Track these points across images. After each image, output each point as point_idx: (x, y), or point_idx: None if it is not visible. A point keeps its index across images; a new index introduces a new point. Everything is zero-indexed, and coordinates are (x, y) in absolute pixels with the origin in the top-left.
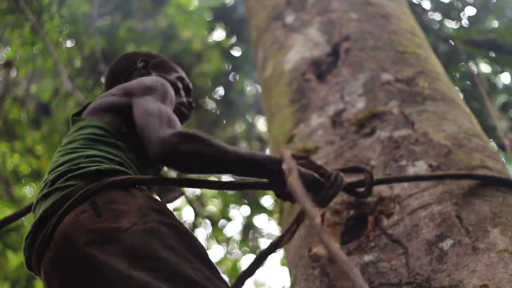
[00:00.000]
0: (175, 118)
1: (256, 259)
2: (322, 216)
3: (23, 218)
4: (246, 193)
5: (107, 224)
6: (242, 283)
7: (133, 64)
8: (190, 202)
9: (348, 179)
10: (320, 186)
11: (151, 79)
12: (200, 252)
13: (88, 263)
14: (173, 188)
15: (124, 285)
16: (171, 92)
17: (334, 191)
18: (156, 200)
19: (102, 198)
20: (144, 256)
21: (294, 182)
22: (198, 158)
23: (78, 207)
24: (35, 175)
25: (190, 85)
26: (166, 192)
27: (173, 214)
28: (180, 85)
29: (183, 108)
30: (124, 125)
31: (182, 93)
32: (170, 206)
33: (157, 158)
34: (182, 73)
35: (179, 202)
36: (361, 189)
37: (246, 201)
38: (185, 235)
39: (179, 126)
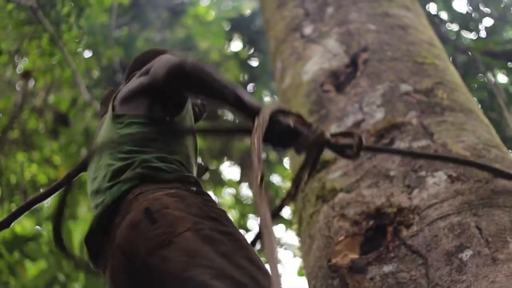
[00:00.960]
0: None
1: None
2: (262, 176)
3: (40, 227)
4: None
5: (162, 229)
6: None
7: None
8: None
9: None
10: (300, 134)
11: (167, 56)
12: (252, 258)
13: (150, 271)
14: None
15: (180, 285)
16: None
17: (312, 138)
18: (211, 205)
19: (156, 204)
20: (197, 257)
21: (255, 136)
22: (201, 79)
23: (132, 213)
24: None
25: None
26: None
27: (228, 219)
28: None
29: (197, 108)
30: (163, 111)
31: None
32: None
33: (165, 79)
34: None
35: None
36: (350, 151)
37: None
38: (239, 242)
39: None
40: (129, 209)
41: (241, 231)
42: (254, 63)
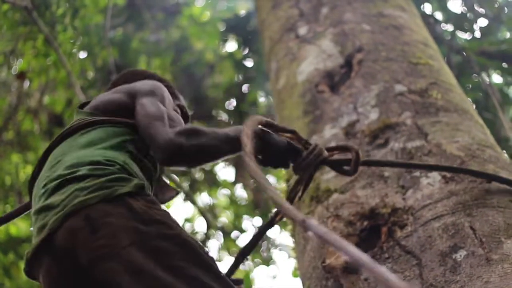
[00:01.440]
0: (174, 114)
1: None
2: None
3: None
4: (258, 204)
5: (104, 241)
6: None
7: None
8: (202, 213)
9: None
10: (298, 153)
11: (153, 82)
12: (202, 261)
13: (91, 281)
14: (168, 188)
15: None
16: (169, 95)
17: (311, 159)
18: (155, 207)
19: (96, 211)
20: (142, 275)
21: (245, 147)
22: (200, 152)
23: (72, 219)
24: None
25: (189, 113)
26: (161, 192)
27: (173, 220)
28: (179, 112)
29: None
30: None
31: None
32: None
33: (165, 161)
34: (183, 102)
35: (192, 213)
36: (348, 167)
37: (259, 212)
38: (187, 245)
39: (179, 123)
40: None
41: (236, 232)
42: (249, 63)
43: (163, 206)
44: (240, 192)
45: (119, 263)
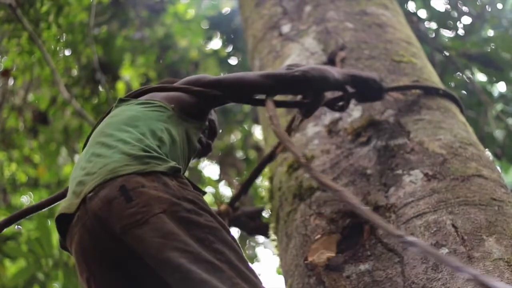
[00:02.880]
0: None
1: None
2: None
3: (19, 226)
4: (242, 202)
5: (137, 208)
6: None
7: None
8: None
9: None
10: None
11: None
12: (226, 240)
13: (123, 248)
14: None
15: (158, 266)
16: None
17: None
18: (188, 188)
19: (132, 182)
20: (173, 239)
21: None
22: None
23: (106, 189)
24: (32, 184)
25: (218, 131)
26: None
27: (204, 202)
28: (207, 124)
29: (200, 145)
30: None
31: (206, 132)
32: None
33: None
34: (215, 117)
35: None
36: (341, 103)
37: None
38: (214, 223)
39: None
40: (103, 185)
41: None
42: (233, 61)
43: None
44: (224, 189)
45: (150, 229)
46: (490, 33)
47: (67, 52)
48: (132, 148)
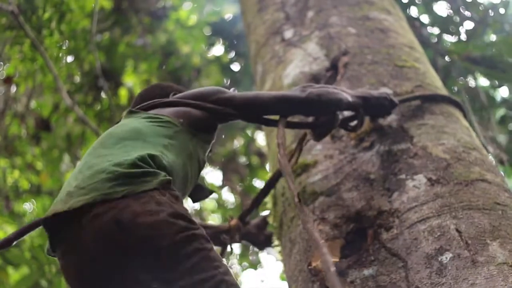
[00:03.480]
0: None
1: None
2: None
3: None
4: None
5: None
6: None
7: (166, 96)
8: None
9: None
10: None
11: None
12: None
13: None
14: (201, 187)
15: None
16: None
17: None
18: (177, 202)
19: (125, 213)
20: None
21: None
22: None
23: (100, 219)
24: (35, 191)
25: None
26: (195, 192)
27: (192, 218)
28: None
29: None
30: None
31: None
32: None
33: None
34: None
35: None
36: (354, 123)
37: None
38: (205, 238)
39: None
40: (94, 209)
41: None
42: (236, 67)
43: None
44: (227, 195)
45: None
46: (493, 37)
47: (70, 59)
48: (125, 162)
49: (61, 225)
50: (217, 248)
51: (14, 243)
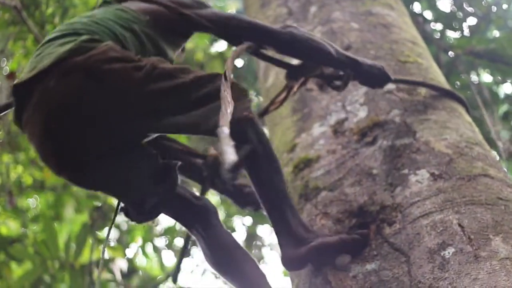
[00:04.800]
0: None
1: None
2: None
3: (25, 229)
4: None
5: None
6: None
7: None
8: None
9: None
10: None
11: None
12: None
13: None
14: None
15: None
16: None
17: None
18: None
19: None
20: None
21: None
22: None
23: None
24: (38, 186)
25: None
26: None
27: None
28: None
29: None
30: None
31: None
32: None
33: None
34: None
35: None
36: (338, 82)
37: (249, 212)
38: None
39: None
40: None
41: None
42: (239, 63)
43: None
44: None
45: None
46: (496, 33)
47: None
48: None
49: (28, 92)
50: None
51: None
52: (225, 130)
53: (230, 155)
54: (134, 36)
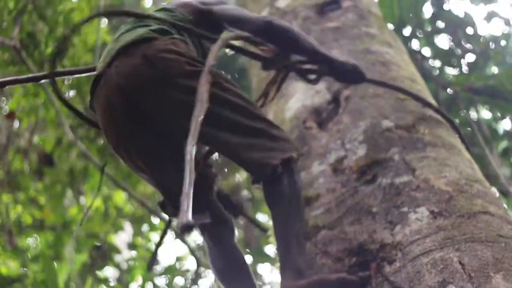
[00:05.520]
0: None
1: None
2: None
3: (25, 269)
4: (249, 242)
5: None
6: None
7: None
8: (192, 251)
9: None
10: None
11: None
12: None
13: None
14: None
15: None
16: None
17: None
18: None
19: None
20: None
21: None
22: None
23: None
24: (38, 226)
25: None
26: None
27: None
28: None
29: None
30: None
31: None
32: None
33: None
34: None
35: (182, 251)
36: (313, 76)
37: (249, 250)
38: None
39: None
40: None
41: None
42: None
43: None
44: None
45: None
46: (494, 70)
47: (72, 93)
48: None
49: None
50: None
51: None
52: (189, 182)
53: (185, 214)
54: (190, 36)
